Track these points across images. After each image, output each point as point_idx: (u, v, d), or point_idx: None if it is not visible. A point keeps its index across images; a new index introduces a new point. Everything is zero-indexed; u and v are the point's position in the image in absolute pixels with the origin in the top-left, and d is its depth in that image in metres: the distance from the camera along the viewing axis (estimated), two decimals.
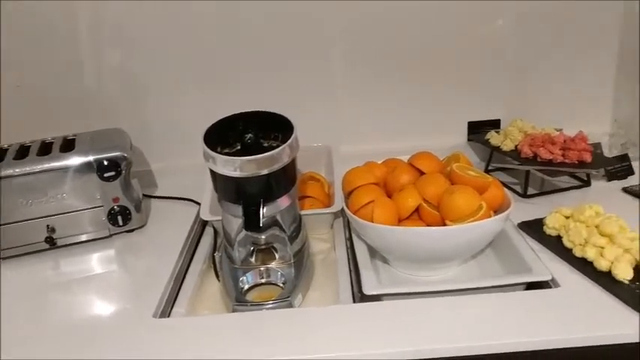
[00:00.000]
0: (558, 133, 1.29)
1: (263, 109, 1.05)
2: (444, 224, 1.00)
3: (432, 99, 1.49)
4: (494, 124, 1.48)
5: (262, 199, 0.99)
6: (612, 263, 0.93)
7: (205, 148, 0.97)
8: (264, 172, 0.96)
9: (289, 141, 0.98)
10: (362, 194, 1.07)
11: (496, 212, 1.04)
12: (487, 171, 1.42)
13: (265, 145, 1.02)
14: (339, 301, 0.99)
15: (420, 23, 1.41)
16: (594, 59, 1.47)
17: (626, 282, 0.92)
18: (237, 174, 0.95)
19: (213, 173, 1.00)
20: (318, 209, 1.23)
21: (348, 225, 1.22)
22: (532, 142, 1.26)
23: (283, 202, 1.03)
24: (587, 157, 1.22)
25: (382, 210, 1.02)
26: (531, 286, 0.98)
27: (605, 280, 0.94)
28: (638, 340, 0.84)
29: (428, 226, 1.03)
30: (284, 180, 1.02)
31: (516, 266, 1.03)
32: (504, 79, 1.48)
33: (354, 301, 1.00)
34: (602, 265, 0.94)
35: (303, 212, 1.20)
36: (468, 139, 1.49)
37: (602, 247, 0.96)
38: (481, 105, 1.50)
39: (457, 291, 0.97)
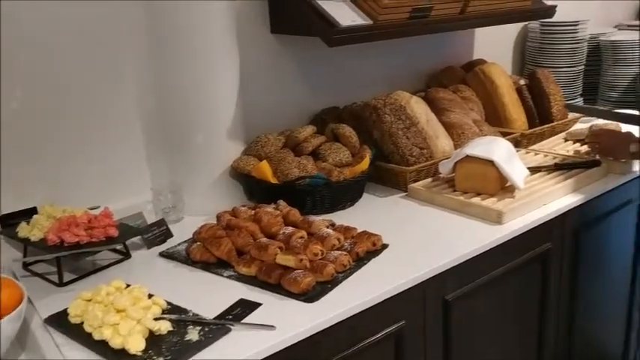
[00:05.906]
0: (84, 213, 1.27)
1: None
2: None
3: None
4: (32, 213, 1.37)
5: None
6: (125, 338, 0.94)
7: None
8: None
9: None
10: None
11: None
12: (26, 266, 1.30)
13: None
14: None
15: None
16: (124, 135, 1.53)
17: (140, 354, 0.93)
18: None
19: None
20: None
21: None
22: (58, 227, 1.21)
23: None
24: (113, 232, 1.24)
25: None
26: None
27: (121, 357, 0.93)
28: None
29: None
30: None
31: None
32: (38, 164, 1.40)
33: None
34: (116, 342, 0.94)
35: None
36: (2, 235, 1.35)
37: (118, 324, 0.96)
38: (14, 194, 1.38)
39: None
